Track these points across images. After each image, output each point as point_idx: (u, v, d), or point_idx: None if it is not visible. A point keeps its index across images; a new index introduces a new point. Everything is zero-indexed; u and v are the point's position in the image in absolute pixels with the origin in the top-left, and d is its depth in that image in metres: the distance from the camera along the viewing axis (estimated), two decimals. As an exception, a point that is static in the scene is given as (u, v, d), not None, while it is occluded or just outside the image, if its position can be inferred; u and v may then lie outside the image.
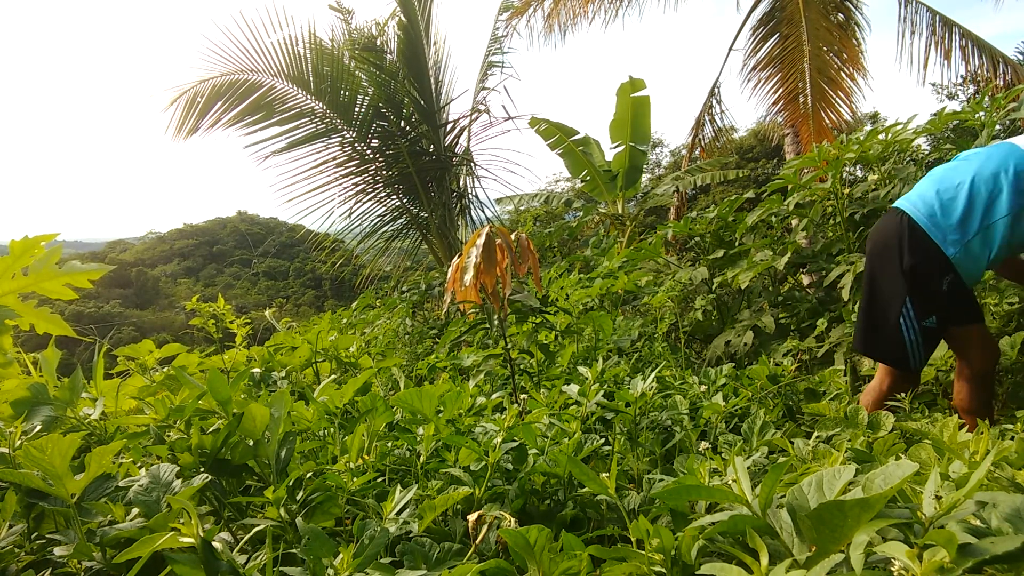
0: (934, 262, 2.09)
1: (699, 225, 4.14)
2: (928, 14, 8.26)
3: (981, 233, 2.05)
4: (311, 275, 57.28)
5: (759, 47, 8.73)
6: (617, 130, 9.88)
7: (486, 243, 2.22)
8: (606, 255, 5.23)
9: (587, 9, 9.75)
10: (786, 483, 1.10)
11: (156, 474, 1.18)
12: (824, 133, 7.33)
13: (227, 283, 61.56)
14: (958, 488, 0.89)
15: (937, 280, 2.10)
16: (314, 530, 0.99)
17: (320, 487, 1.29)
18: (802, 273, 4.86)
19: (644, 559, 0.94)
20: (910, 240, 2.12)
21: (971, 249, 2.07)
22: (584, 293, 4.27)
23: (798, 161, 3.67)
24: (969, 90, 16.50)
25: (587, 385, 1.81)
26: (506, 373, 2.58)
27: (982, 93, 3.34)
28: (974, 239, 2.06)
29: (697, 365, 3.71)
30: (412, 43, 7.48)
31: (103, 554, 1.07)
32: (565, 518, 1.39)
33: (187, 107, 7.50)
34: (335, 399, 1.82)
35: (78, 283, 1.64)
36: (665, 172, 17.12)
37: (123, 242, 77.77)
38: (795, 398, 2.40)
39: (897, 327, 2.16)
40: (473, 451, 1.47)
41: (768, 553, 0.73)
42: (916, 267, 2.11)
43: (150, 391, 2.26)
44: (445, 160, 7.93)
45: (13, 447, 1.22)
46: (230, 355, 3.27)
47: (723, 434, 1.93)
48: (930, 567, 0.65)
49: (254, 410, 1.28)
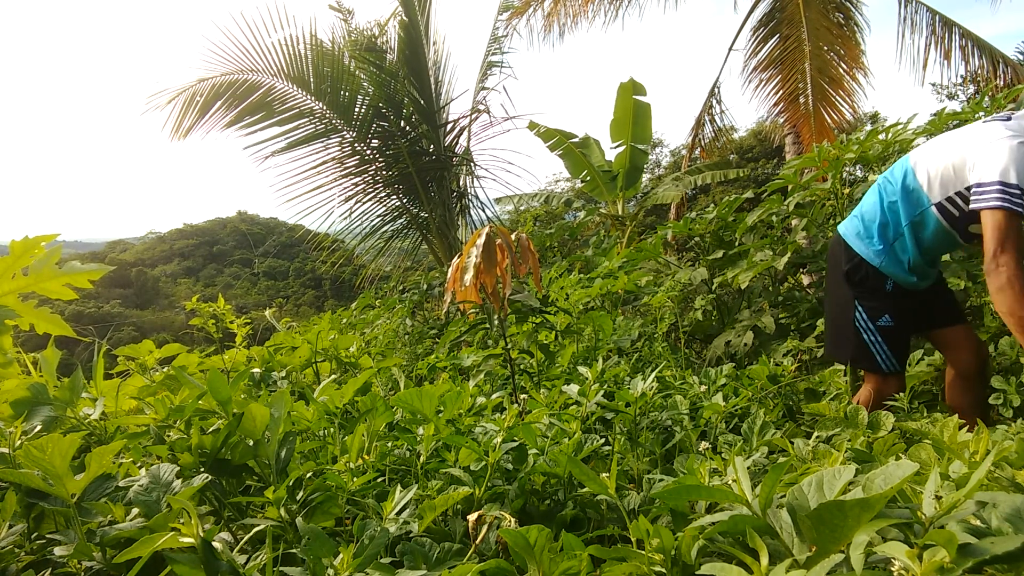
0: (867, 269, 2.29)
1: (699, 225, 4.14)
2: (928, 14, 8.27)
3: (897, 241, 2.24)
4: (311, 275, 57.28)
5: (759, 48, 8.73)
6: (617, 130, 9.87)
7: (486, 243, 2.22)
8: (606, 255, 5.23)
9: (587, 9, 9.76)
10: (786, 483, 1.10)
11: (156, 474, 1.18)
12: (825, 133, 7.33)
13: (227, 283, 61.55)
14: (958, 488, 0.89)
15: (877, 281, 2.28)
16: (314, 530, 0.99)
17: (320, 487, 1.29)
18: (802, 273, 4.85)
19: (644, 559, 0.94)
20: (845, 254, 2.36)
21: (894, 256, 2.25)
22: (584, 293, 4.27)
23: (798, 161, 3.67)
24: (969, 90, 16.51)
25: (587, 385, 1.81)
26: (506, 373, 2.58)
27: (982, 93, 3.34)
28: (894, 246, 2.25)
29: (697, 365, 3.71)
30: (413, 42, 7.48)
31: (103, 554, 1.07)
32: (565, 518, 1.39)
33: (186, 106, 7.49)
34: (335, 399, 1.82)
35: (78, 283, 1.64)
36: (665, 172, 17.10)
37: (123, 242, 77.77)
38: (795, 398, 2.40)
39: (856, 330, 2.33)
40: (473, 451, 1.47)
41: (768, 553, 0.73)
42: (851, 274, 2.33)
43: (150, 391, 2.26)
44: (445, 160, 7.93)
45: (13, 447, 1.22)
46: (230, 355, 3.27)
47: (723, 434, 1.93)
48: (930, 567, 0.65)
49: (254, 410, 1.28)
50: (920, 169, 2.18)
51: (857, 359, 2.37)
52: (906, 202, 2.21)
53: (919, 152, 2.24)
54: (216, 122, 7.64)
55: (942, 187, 2.11)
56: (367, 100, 7.67)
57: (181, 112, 7.52)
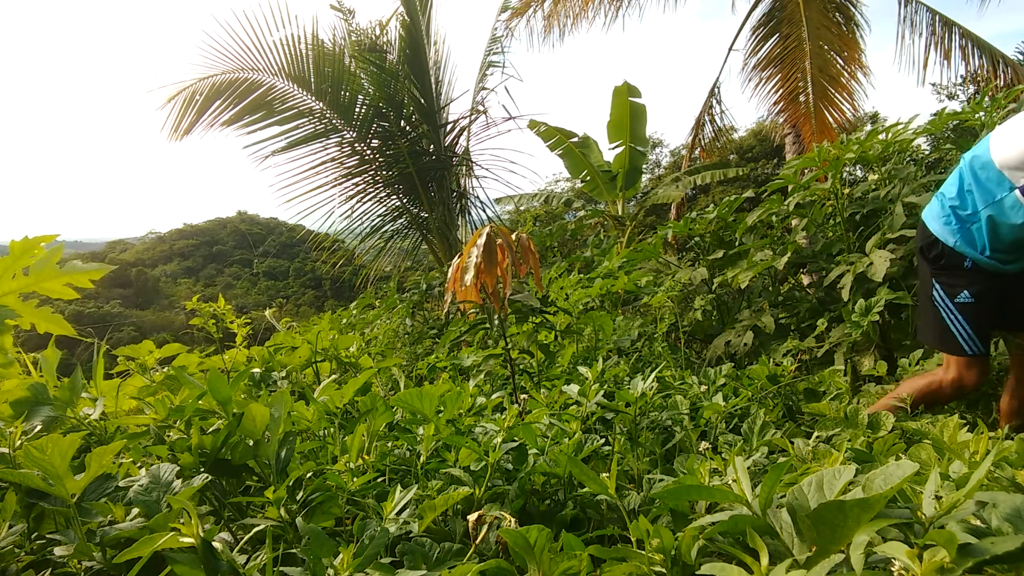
0: (943, 247, 2.19)
1: (699, 225, 4.14)
2: (928, 14, 8.26)
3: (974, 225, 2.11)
4: (311, 275, 57.31)
5: (759, 47, 8.73)
6: (615, 131, 9.88)
7: (486, 243, 2.22)
8: (606, 255, 5.23)
9: (587, 10, 9.75)
10: (786, 483, 1.10)
11: (156, 474, 1.18)
12: (826, 132, 7.33)
13: (227, 283, 61.56)
14: (958, 488, 0.89)
15: (954, 259, 2.16)
16: (314, 530, 0.99)
17: (320, 487, 1.29)
18: (802, 273, 4.85)
19: (644, 559, 0.94)
20: (922, 233, 2.28)
21: (970, 238, 2.12)
22: (584, 293, 4.27)
23: (798, 161, 3.67)
24: (969, 90, 16.51)
25: (587, 385, 1.81)
26: (506, 373, 2.58)
27: (982, 93, 3.33)
28: (971, 230, 2.11)
29: (697, 365, 3.70)
30: (414, 42, 7.48)
31: (103, 554, 1.07)
32: (565, 518, 1.39)
33: (185, 105, 7.48)
34: (335, 399, 1.82)
35: (79, 283, 1.64)
36: (665, 172, 17.12)
37: (123, 242, 77.77)
38: (795, 398, 2.39)
39: (934, 308, 2.22)
40: (473, 451, 1.47)
41: (768, 553, 0.73)
42: (926, 251, 2.24)
43: (150, 391, 2.26)
44: (445, 160, 7.93)
45: (13, 447, 1.22)
46: (230, 355, 3.26)
47: (723, 434, 1.93)
48: (930, 567, 0.65)
49: (254, 410, 1.28)
50: (999, 149, 1.99)
51: (940, 340, 2.23)
52: (985, 185, 2.04)
53: (1000, 131, 2.05)
54: (216, 120, 7.63)
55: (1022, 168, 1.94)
56: (367, 100, 7.67)
57: (181, 110, 7.52)
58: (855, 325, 2.77)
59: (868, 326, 2.75)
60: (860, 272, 2.94)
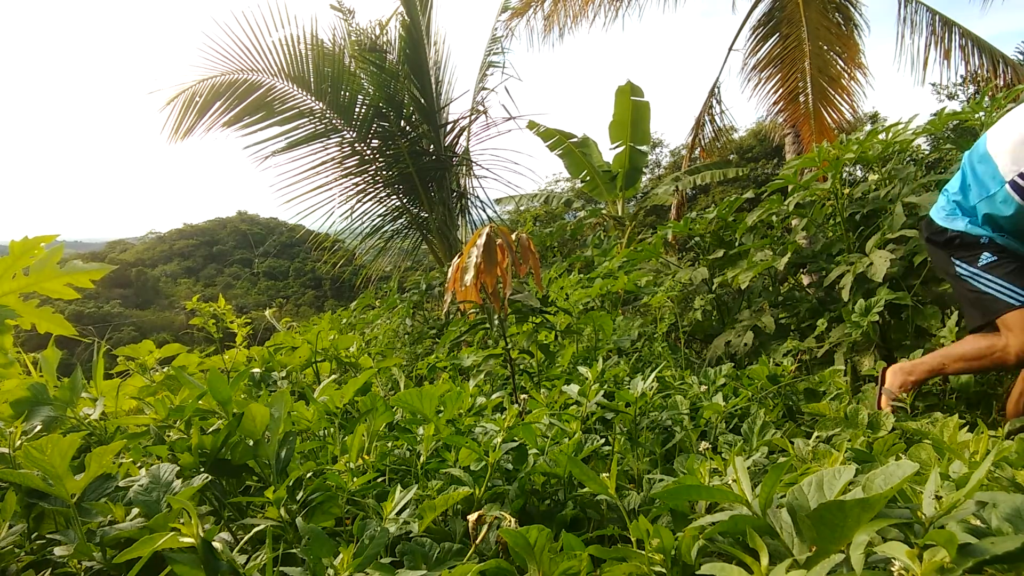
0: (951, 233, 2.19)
1: (699, 225, 4.14)
2: (928, 14, 8.27)
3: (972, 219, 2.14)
4: (311, 275, 57.30)
5: (759, 47, 8.73)
6: (617, 131, 9.89)
7: (486, 243, 2.22)
8: (606, 255, 5.23)
9: (587, 10, 9.76)
10: (786, 483, 1.10)
11: (156, 474, 1.18)
12: (826, 132, 7.33)
13: (227, 283, 61.57)
14: (958, 488, 0.89)
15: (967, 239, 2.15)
16: (314, 530, 0.99)
17: (320, 487, 1.29)
18: (802, 273, 4.85)
19: (644, 559, 0.94)
20: (928, 228, 2.30)
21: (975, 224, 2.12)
22: (584, 293, 4.27)
23: (798, 161, 3.66)
24: (969, 90, 16.51)
25: (587, 385, 1.81)
26: (506, 373, 2.58)
27: (982, 93, 3.33)
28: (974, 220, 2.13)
29: (697, 365, 3.70)
30: (414, 42, 7.48)
31: (103, 554, 1.06)
32: (565, 518, 1.39)
33: (185, 106, 7.48)
34: (335, 399, 1.82)
35: (79, 283, 1.64)
36: (665, 172, 17.12)
37: (123, 242, 77.75)
38: (795, 398, 2.39)
39: (963, 282, 2.16)
40: (473, 451, 1.47)
41: (768, 553, 0.73)
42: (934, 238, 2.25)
43: (150, 391, 2.26)
44: (445, 160, 7.93)
45: (13, 447, 1.22)
46: (230, 355, 3.26)
47: (723, 434, 1.93)
48: (930, 567, 0.65)
49: (254, 410, 1.28)
50: (992, 144, 2.01)
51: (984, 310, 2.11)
52: (981, 179, 2.05)
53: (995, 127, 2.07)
54: (216, 122, 7.63)
55: (1014, 162, 1.93)
56: (367, 100, 7.67)
57: (181, 112, 7.52)
58: (855, 325, 2.77)
59: (868, 326, 2.75)
60: (860, 272, 2.94)
